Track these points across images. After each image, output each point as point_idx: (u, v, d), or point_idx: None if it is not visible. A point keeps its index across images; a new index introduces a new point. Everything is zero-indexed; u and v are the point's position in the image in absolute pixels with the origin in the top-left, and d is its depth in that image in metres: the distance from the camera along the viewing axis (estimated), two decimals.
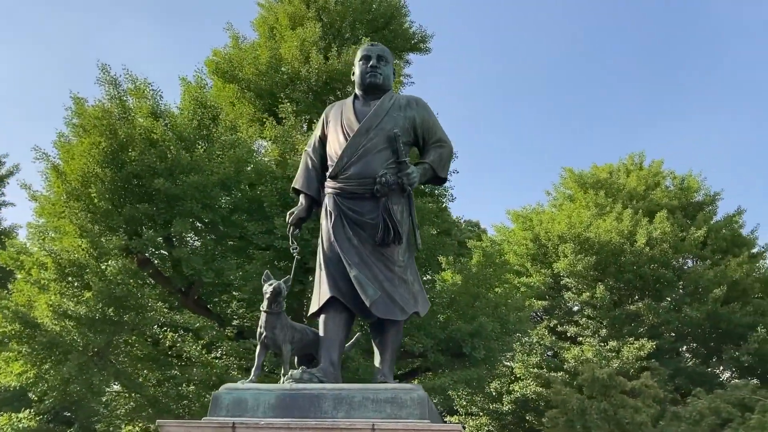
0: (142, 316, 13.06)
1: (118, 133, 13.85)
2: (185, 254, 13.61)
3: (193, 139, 14.35)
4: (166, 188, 13.25)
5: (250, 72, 17.72)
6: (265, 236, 13.98)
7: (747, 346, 23.45)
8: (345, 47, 18.46)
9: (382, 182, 7.31)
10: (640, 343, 22.62)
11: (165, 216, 13.80)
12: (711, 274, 25.30)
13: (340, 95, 17.86)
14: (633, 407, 14.52)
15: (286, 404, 6.41)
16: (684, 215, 29.11)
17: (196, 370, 13.26)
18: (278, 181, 14.13)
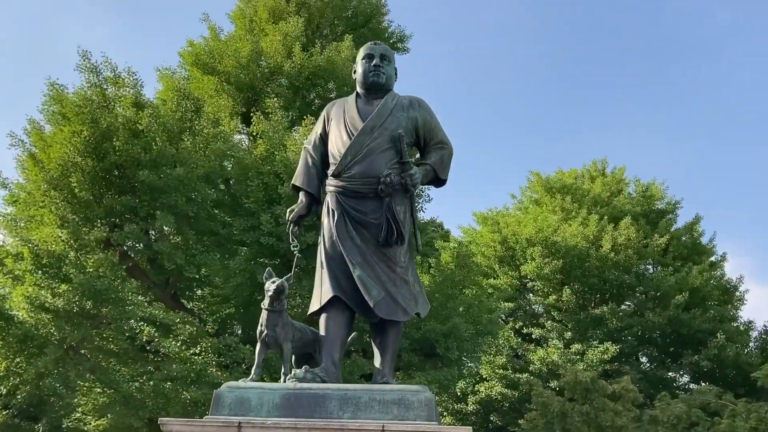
0: (121, 309, 12.75)
1: (100, 122, 13.49)
2: (167, 248, 13.33)
3: (177, 130, 14.06)
4: (150, 180, 12.96)
5: (230, 65, 17.46)
6: (249, 232, 13.80)
7: (706, 352, 24.08)
8: (327, 44, 18.33)
9: (387, 182, 7.28)
10: (604, 347, 23.09)
11: (147, 209, 13.49)
12: (673, 280, 25.93)
13: (321, 92, 17.76)
14: (613, 410, 14.80)
15: (290, 404, 6.35)
16: (646, 222, 29.78)
17: (175, 366, 13.01)
18: (264, 176, 13.95)
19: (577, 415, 14.58)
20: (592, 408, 14.69)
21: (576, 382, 15.75)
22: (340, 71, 17.33)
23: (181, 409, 13.51)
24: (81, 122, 13.57)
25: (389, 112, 7.70)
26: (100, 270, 12.44)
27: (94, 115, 13.47)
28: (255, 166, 14.08)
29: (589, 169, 33.88)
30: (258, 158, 14.27)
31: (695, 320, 24.97)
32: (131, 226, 13.09)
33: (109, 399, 13.74)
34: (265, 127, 14.67)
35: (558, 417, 14.88)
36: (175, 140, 13.83)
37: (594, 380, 15.69)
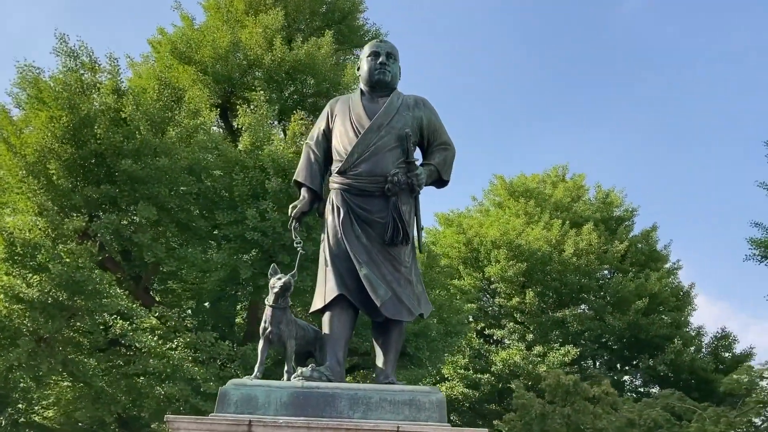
0: (98, 302, 12.34)
1: (79, 108, 13.03)
2: (147, 240, 12.97)
3: (159, 120, 13.68)
4: (132, 170, 12.57)
5: (207, 55, 17.10)
6: (232, 226, 13.54)
7: (663, 357, 24.73)
8: (304, 39, 18.13)
9: (394, 181, 7.26)
10: (565, 349, 23.50)
11: (128, 199, 13.10)
12: (632, 286, 26.53)
13: (300, 87, 17.56)
14: (593, 413, 15.07)
15: (299, 402, 6.25)
16: (606, 228, 30.42)
17: (152, 361, 12.67)
18: (249, 170, 13.70)
19: (559, 417, 14.80)
20: (573, 410, 14.93)
21: (558, 384, 15.99)
22: (320, 67, 17.18)
23: (155, 404, 13.21)
24: (59, 107, 13.09)
25: (396, 110, 7.67)
26: (79, 261, 12.02)
27: (72, 101, 13.01)
28: (240, 159, 13.81)
29: (551, 174, 34.43)
30: (242, 152, 14.01)
31: (653, 325, 25.61)
32: (110, 216, 12.69)
33: (78, 393, 13.28)
34: (250, 120, 14.41)
35: (537, 419, 15.08)
36: (158, 130, 13.46)
37: (576, 383, 15.95)
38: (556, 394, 15.85)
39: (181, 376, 12.70)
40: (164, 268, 13.32)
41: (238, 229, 13.50)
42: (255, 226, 13.00)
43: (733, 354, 28.23)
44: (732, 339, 29.03)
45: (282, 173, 13.60)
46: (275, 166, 13.55)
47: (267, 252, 13.60)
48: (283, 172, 13.63)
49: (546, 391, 16.51)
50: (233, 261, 13.16)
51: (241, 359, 13.53)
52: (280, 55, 16.97)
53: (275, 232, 13.01)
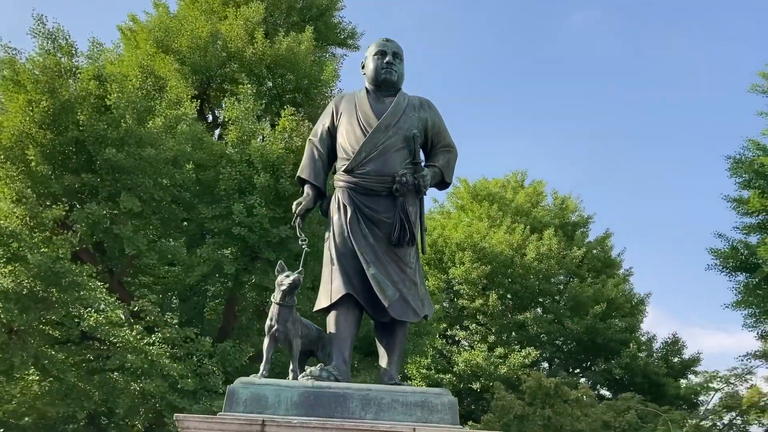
0: (75, 294, 11.91)
1: (60, 92, 12.55)
2: (129, 232, 12.57)
3: (142, 109, 13.29)
4: (116, 160, 12.17)
5: (185, 44, 16.70)
6: (217, 221, 13.25)
7: (619, 360, 25.35)
8: (287, 34, 17.91)
9: (403, 182, 7.24)
10: (526, 351, 23.88)
11: (109, 189, 12.68)
12: (591, 291, 27.10)
13: (280, 82, 17.32)
14: (571, 415, 15.32)
15: (310, 402, 6.18)
16: (563, 234, 31.01)
17: (130, 356, 12.30)
18: (236, 165, 13.43)
19: (539, 419, 15.00)
20: (554, 412, 15.17)
21: (539, 387, 16.21)
22: (301, 63, 17.00)
23: (130, 401, 12.85)
24: (38, 91, 12.57)
25: (402, 111, 7.65)
26: (60, 252, 11.59)
27: (52, 85, 12.53)
28: (225, 153, 13.53)
29: (510, 179, 34.92)
30: (228, 145, 13.73)
31: (610, 330, 26.22)
32: (92, 206, 12.27)
33: (49, 388, 12.81)
34: (237, 113, 14.14)
35: (516, 420, 15.26)
36: (143, 119, 13.07)
37: (558, 386, 16.20)
38: (536, 396, 16.08)
39: (157, 372, 12.38)
40: (139, 260, 12.93)
41: (223, 223, 13.24)
42: (241, 221, 12.77)
43: (682, 359, 29.13)
44: (681, 345, 29.92)
45: (270, 168, 13.40)
46: (263, 161, 13.33)
47: (251, 248, 13.40)
48: (271, 167, 13.44)
49: (526, 392, 16.74)
50: (217, 256, 12.92)
51: (220, 356, 13.29)
52: (261, 48, 16.72)
53: (262, 229, 12.82)
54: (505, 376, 23.01)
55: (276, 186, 13.31)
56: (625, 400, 17.94)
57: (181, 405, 12.55)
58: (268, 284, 13.46)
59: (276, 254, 13.18)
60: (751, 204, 17.48)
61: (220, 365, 13.18)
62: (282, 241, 13.17)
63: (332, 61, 19.08)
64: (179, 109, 14.08)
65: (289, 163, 13.39)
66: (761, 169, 19.37)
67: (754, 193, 17.44)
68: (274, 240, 13.11)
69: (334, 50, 22.05)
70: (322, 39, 20.44)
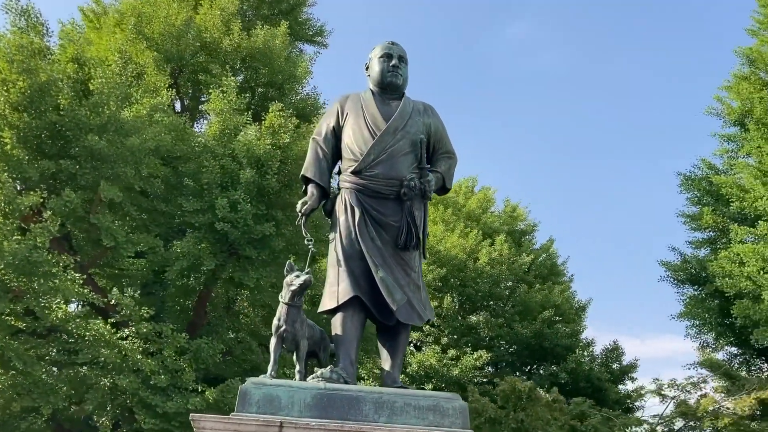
0: (50, 285, 11.40)
1: (38, 73, 12.00)
2: (108, 222, 12.13)
3: (123, 96, 12.82)
4: (99, 148, 11.72)
5: (158, 30, 16.22)
6: (199, 215, 12.94)
7: (564, 365, 26.03)
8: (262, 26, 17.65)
9: (411, 186, 7.33)
10: (477, 354, 24.23)
11: (88, 177, 12.20)
12: (539, 296, 27.76)
13: (253, 76, 17.03)
14: (543, 419, 15.63)
15: (323, 404, 6.21)
16: (512, 240, 31.62)
17: (104, 351, 11.87)
18: (220, 158, 13.16)
19: (513, 422, 15.26)
20: (527, 416, 15.47)
21: (513, 390, 16.48)
22: (276, 58, 16.78)
23: (100, 396, 12.43)
24: (14, 71, 11.99)
25: (409, 115, 7.75)
26: (39, 240, 11.08)
27: (27, 65, 11.97)
28: (207, 146, 13.25)
29: (462, 184, 35.43)
30: (211, 137, 13.45)
31: (557, 335, 26.89)
32: (70, 193, 11.78)
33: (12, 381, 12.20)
34: (222, 105, 13.85)
35: (488, 423, 15.47)
36: (120, 107, 12.62)
37: (532, 389, 16.51)
38: (509, 399, 16.38)
39: (129, 368, 12.01)
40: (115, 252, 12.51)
41: (204, 217, 12.96)
42: (224, 216, 12.55)
43: (621, 365, 30.13)
44: (620, 351, 30.92)
45: (256, 164, 13.21)
46: (248, 156, 13.13)
47: (230, 244, 13.16)
48: (257, 163, 13.25)
49: (499, 396, 17.02)
50: (196, 251, 12.64)
51: (194, 352, 12.99)
52: (237, 40, 16.44)
53: (245, 225, 12.62)
54: (456, 378, 23.30)
55: (261, 182, 13.15)
56: (577, 405, 18.49)
57: (154, 402, 12.26)
58: (248, 281, 13.29)
59: (257, 251, 13.03)
60: (704, 220, 18.27)
61: (192, 362, 12.91)
62: (264, 238, 13.01)
63: (302, 58, 18.88)
64: (155, 98, 13.70)
65: (276, 159, 13.25)
66: (709, 187, 20.31)
67: (707, 209, 18.25)
68: (257, 237, 12.94)
69: (302, 46, 21.89)
70: (292, 35, 20.23)
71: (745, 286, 15.78)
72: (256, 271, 13.17)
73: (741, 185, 17.22)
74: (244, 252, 12.99)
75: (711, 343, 20.38)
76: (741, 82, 19.98)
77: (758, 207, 16.20)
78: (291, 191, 13.51)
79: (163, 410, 12.05)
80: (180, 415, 12.20)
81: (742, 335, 19.49)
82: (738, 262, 16.24)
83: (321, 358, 7.40)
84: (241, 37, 16.51)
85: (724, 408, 14.74)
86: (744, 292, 15.90)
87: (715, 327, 19.26)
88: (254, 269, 13.20)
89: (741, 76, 20.48)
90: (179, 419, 12.30)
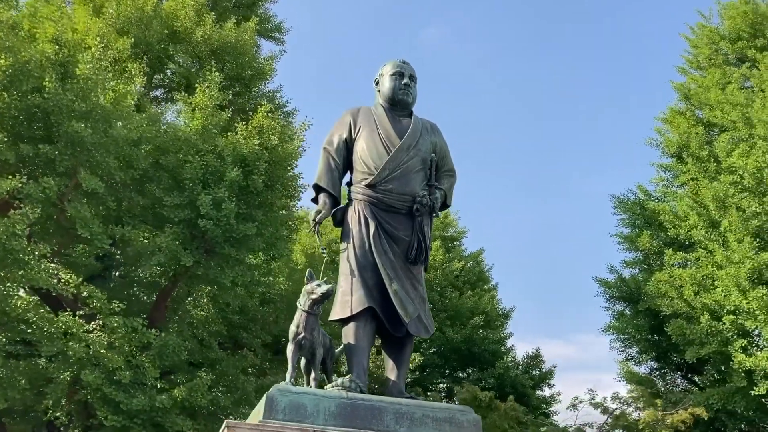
0: (24, 272, 10.82)
1: (19, 52, 11.35)
2: (85, 212, 11.62)
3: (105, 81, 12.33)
4: (84, 134, 11.20)
5: (124, 15, 15.62)
6: (179, 210, 12.61)
7: (492, 371, 26.95)
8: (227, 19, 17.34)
9: (423, 203, 7.65)
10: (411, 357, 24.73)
11: (67, 164, 11.65)
12: (470, 302, 28.61)
13: (225, 69, 16.64)
14: (500, 427, 16.11)
15: (347, 413, 6.44)
16: (444, 246, 32.40)
17: (72, 344, 11.37)
18: (204, 154, 12.86)
19: None
20: (486, 425, 15.87)
21: (473, 399, 16.88)
22: (246, 53, 16.54)
23: (61, 392, 11.92)
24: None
25: (419, 133, 8.06)
26: (18, 228, 10.52)
27: (5, 42, 11.31)
28: (190, 140, 12.94)
29: None
30: (193, 132, 13.13)
31: (486, 341, 27.79)
32: (49, 180, 11.23)
33: None
34: (207, 101, 13.54)
35: None
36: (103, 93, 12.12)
37: (492, 399, 16.96)
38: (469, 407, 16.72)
39: (93, 362, 11.58)
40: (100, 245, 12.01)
41: (183, 213, 12.68)
42: (207, 213, 12.32)
43: (541, 371, 31.46)
44: (541, 359, 32.26)
45: (241, 163, 13.05)
46: (234, 155, 12.96)
47: (207, 242, 12.94)
48: (242, 162, 13.09)
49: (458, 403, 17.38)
50: (175, 246, 12.35)
51: (159, 348, 12.66)
52: (209, 32, 16.11)
53: (228, 224, 12.45)
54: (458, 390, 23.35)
55: (245, 181, 13.03)
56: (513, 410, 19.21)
57: (118, 398, 11.92)
58: (223, 279, 13.16)
59: (235, 250, 12.91)
60: (641, 243, 19.42)
61: (158, 360, 12.62)
62: (245, 238, 12.91)
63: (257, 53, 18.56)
64: (130, 85, 13.25)
65: (264, 160, 13.17)
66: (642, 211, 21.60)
67: (645, 233, 19.41)
68: (239, 236, 12.82)
69: (260, 41, 21.64)
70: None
71: (680, 308, 16.96)
72: (232, 270, 13.05)
73: (676, 213, 18.44)
74: (223, 250, 12.85)
75: (635, 357, 21.66)
76: (677, 116, 21.36)
77: (693, 235, 17.45)
78: (273, 192, 13.48)
79: (127, 407, 11.76)
80: (144, 412, 11.96)
81: (667, 351, 20.88)
82: (672, 285, 17.42)
83: (328, 366, 7.58)
84: (213, 29, 16.22)
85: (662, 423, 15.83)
86: (678, 312, 17.07)
87: (640, 342, 20.50)
88: (229, 267, 13.08)
89: (677, 110, 21.89)
90: (142, 416, 12.03)
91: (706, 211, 17.22)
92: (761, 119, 17.04)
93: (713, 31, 22.95)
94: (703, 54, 23.01)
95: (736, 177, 16.98)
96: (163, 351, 12.56)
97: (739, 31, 21.81)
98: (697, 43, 23.75)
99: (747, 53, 21.38)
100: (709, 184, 17.33)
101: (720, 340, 15.67)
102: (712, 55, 22.84)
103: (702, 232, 16.97)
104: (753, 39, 21.37)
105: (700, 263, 17.13)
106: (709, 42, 22.93)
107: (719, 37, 22.63)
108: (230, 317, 15.12)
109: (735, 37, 21.91)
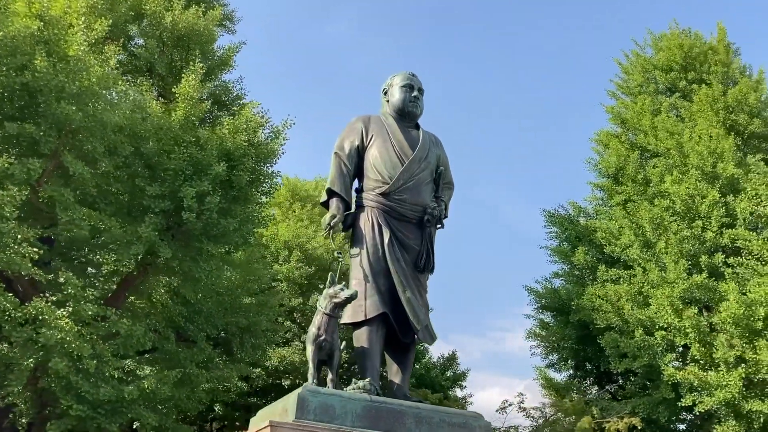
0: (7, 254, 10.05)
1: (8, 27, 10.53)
2: (69, 196, 10.95)
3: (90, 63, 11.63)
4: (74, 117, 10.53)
5: None
6: (158, 200, 12.11)
7: (413, 371, 27.61)
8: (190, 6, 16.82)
9: (434, 214, 7.99)
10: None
11: (51, 145, 10.93)
12: None
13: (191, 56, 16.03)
14: None
15: (372, 416, 6.69)
16: None
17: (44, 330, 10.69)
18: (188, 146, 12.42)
19: None
20: None
21: (425, 397, 17.07)
22: (210, 41, 16.13)
23: (24, 377, 11.22)
24: None
25: (428, 146, 8.39)
26: (6, 210, 9.79)
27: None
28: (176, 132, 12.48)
29: (319, 183, 35.94)
30: (176, 122, 12.66)
31: None
32: (34, 161, 10.54)
33: None
34: (192, 91, 13.09)
35: None
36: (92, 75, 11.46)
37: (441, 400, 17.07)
38: None
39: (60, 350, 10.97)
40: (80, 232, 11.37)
41: (164, 203, 12.24)
42: (190, 206, 11.95)
43: (455, 372, 32.47)
44: (456, 361, 33.26)
45: (225, 158, 12.75)
46: (220, 149, 12.63)
47: (185, 234, 12.56)
48: (227, 156, 12.79)
49: None
50: (154, 237, 11.90)
51: (125, 338, 12.13)
52: (177, 17, 15.59)
53: (210, 218, 12.14)
54: None
55: (231, 176, 12.76)
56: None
57: (85, 388, 11.41)
58: (198, 272, 12.85)
59: (213, 244, 12.62)
60: (576, 258, 20.37)
61: (123, 349, 12.15)
62: (225, 233, 12.64)
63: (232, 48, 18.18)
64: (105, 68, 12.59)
65: (250, 157, 12.96)
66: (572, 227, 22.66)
67: (581, 249, 20.36)
68: (220, 233, 12.56)
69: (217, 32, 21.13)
70: None
71: (614, 321, 17.96)
72: (207, 263, 12.77)
73: (612, 231, 19.48)
74: (200, 244, 12.55)
75: (555, 363, 22.67)
76: (612, 139, 22.49)
77: (628, 253, 18.51)
78: (254, 189, 13.29)
79: (93, 396, 11.29)
80: (109, 402, 11.53)
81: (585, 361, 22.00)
82: (606, 299, 18.42)
83: (335, 367, 7.71)
84: (182, 14, 15.74)
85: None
86: (612, 326, 18.07)
87: (564, 350, 21.49)
88: (204, 261, 12.80)
89: (612, 134, 23.02)
90: (106, 407, 11.58)
91: (642, 231, 18.30)
92: (695, 149, 18.30)
93: (647, 60, 24.21)
94: (635, 81, 24.24)
95: (668, 202, 18.15)
96: (128, 342, 12.15)
97: (671, 63, 23.12)
98: (629, 69, 24.99)
99: (678, 84, 22.75)
100: (648, 206, 18.39)
101: (651, 354, 16.74)
102: (644, 82, 24.10)
103: (637, 251, 18.06)
104: (685, 71, 22.74)
105: (632, 280, 18.19)
106: (642, 70, 24.18)
107: (652, 66, 23.91)
108: (179, 308, 14.77)
109: (668, 68, 23.21)
